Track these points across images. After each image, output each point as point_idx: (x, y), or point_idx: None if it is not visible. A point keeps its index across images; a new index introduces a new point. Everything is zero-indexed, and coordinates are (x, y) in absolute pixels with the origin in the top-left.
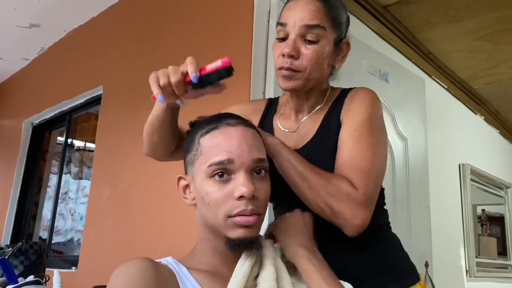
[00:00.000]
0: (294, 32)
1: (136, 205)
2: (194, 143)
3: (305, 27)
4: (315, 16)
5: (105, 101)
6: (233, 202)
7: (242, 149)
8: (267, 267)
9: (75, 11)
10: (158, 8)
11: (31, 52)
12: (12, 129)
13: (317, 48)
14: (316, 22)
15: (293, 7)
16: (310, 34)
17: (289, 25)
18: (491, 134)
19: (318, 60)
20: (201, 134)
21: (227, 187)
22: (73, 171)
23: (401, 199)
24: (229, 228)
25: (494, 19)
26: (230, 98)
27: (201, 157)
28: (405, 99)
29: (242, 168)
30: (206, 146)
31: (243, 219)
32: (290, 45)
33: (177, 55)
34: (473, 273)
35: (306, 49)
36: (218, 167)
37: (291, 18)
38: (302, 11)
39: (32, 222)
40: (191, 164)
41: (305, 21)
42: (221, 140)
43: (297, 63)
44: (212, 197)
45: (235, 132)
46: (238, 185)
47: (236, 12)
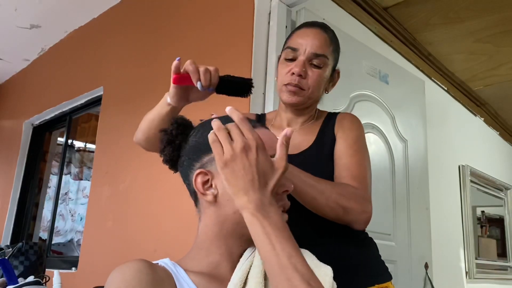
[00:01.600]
0: (303, 56)
1: (136, 205)
2: None
3: (313, 55)
4: (322, 46)
5: (106, 102)
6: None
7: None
8: (256, 263)
9: (75, 12)
10: (159, 10)
11: (31, 53)
12: (12, 129)
13: (321, 73)
14: (323, 52)
15: (304, 35)
16: (317, 60)
17: (300, 50)
18: (491, 136)
19: (320, 83)
20: None
21: None
22: (73, 172)
23: (401, 200)
24: None
25: (494, 21)
26: (231, 98)
27: None
28: (405, 100)
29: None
30: None
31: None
32: (300, 66)
33: (178, 56)
34: (473, 274)
35: (312, 72)
36: None
37: (302, 45)
38: (313, 40)
39: (32, 222)
40: None
41: (314, 50)
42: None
43: (303, 82)
44: None
45: (272, 134)
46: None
47: (236, 14)
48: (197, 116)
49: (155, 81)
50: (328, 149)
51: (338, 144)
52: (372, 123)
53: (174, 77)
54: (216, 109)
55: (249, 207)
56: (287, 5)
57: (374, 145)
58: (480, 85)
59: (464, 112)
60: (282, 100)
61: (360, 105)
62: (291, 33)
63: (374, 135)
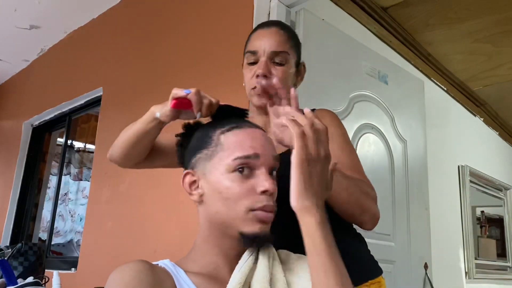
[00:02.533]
0: (264, 57)
1: (135, 206)
2: (212, 140)
3: (273, 53)
4: (281, 43)
5: (105, 103)
6: (255, 196)
7: (266, 148)
8: (260, 268)
9: (75, 12)
10: (158, 11)
11: (31, 54)
12: (12, 130)
13: (285, 69)
14: (282, 49)
15: (261, 36)
16: (278, 58)
17: (259, 52)
18: (490, 136)
19: (286, 80)
20: (221, 131)
21: (248, 182)
22: (73, 172)
23: (400, 200)
24: (248, 222)
25: (493, 22)
26: (230, 99)
27: (222, 152)
28: (405, 101)
29: (264, 165)
30: (230, 142)
31: (265, 215)
32: (263, 67)
33: (177, 56)
34: (473, 274)
35: (275, 70)
36: (244, 161)
37: (261, 46)
38: (270, 40)
39: (31, 223)
40: (206, 160)
41: (273, 48)
42: (246, 137)
43: (269, 82)
44: (233, 191)
45: (258, 132)
46: (262, 180)
47: (236, 14)
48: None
49: (155, 81)
50: None
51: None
52: (372, 123)
53: (175, 103)
54: None
55: (315, 213)
56: (286, 6)
57: (374, 145)
58: (479, 85)
59: (463, 112)
60: (253, 104)
61: (360, 106)
62: (249, 36)
63: (374, 135)
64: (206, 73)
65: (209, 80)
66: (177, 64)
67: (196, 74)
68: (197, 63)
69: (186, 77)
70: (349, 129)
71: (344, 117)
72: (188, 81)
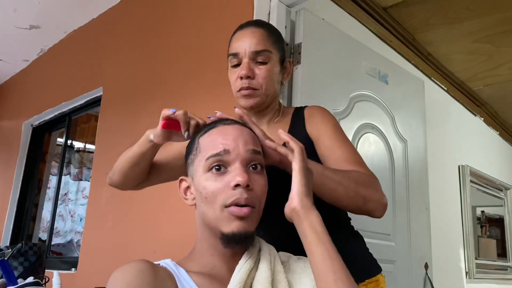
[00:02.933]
0: (246, 58)
1: (135, 206)
2: (194, 144)
3: (254, 53)
4: (261, 42)
5: (105, 103)
6: (229, 191)
7: (237, 142)
8: (262, 269)
9: (75, 12)
10: (158, 10)
11: (31, 54)
12: (12, 130)
13: (268, 67)
14: (263, 48)
15: (240, 37)
16: (260, 57)
17: (240, 53)
18: (490, 136)
19: (270, 77)
20: (200, 135)
21: (223, 179)
22: (73, 172)
23: (400, 200)
24: (224, 221)
25: (493, 21)
26: (230, 102)
27: (199, 154)
28: (405, 100)
29: (237, 159)
30: (204, 143)
31: (237, 210)
32: (246, 68)
33: (176, 57)
34: (473, 274)
35: (259, 70)
36: (215, 159)
37: (241, 47)
38: (250, 39)
39: (31, 223)
40: (191, 164)
41: (253, 48)
42: (218, 135)
43: (254, 82)
44: (209, 190)
45: (231, 128)
46: (233, 175)
47: (236, 14)
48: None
49: (154, 81)
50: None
51: (322, 142)
52: (372, 123)
53: (164, 123)
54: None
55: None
56: (286, 5)
57: (374, 145)
58: (479, 85)
59: (463, 112)
60: (241, 106)
61: (360, 105)
62: (230, 39)
63: (374, 135)
64: (206, 73)
65: (209, 80)
66: (177, 64)
67: (196, 74)
68: (197, 63)
69: (186, 77)
70: (349, 129)
71: (344, 117)
72: (188, 81)
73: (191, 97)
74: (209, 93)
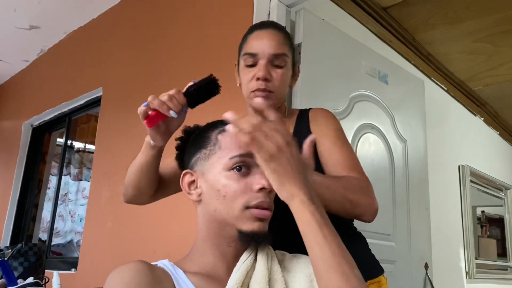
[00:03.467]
0: (264, 59)
1: (135, 207)
2: (210, 140)
3: (273, 56)
4: (280, 46)
5: (105, 103)
6: (252, 194)
7: None
8: (259, 268)
9: (75, 12)
10: (158, 10)
11: (31, 54)
12: (12, 130)
13: (284, 71)
14: (282, 51)
15: (260, 38)
16: (278, 60)
17: (259, 54)
18: (490, 136)
19: (285, 82)
20: (219, 131)
21: (245, 180)
22: (72, 172)
23: (400, 200)
24: (245, 220)
25: (493, 21)
26: (229, 101)
27: (220, 151)
28: (405, 100)
29: None
30: (227, 141)
31: (261, 212)
32: (264, 70)
33: (176, 57)
34: (473, 274)
35: (276, 73)
36: (240, 159)
37: (260, 48)
38: (270, 41)
39: (31, 223)
40: (204, 159)
41: (273, 51)
42: None
43: (270, 85)
44: (230, 189)
45: None
46: (258, 178)
47: (236, 14)
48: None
49: (154, 81)
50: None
51: (322, 142)
52: (372, 123)
53: (146, 122)
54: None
55: (300, 194)
56: (286, 6)
57: (374, 145)
58: (479, 85)
59: (464, 112)
60: (253, 107)
61: (360, 106)
62: (244, 37)
63: (374, 135)
64: (206, 72)
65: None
66: (176, 64)
67: (196, 74)
68: (197, 63)
69: (186, 77)
70: (349, 129)
71: (344, 117)
72: (188, 81)
73: None
74: None
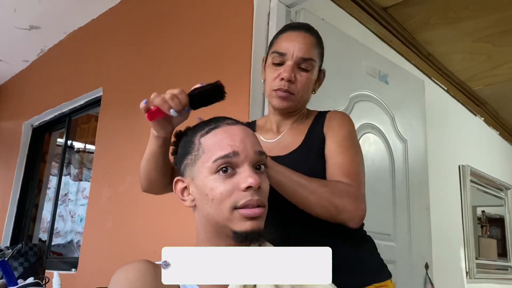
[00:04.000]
0: (291, 61)
1: (135, 207)
2: (194, 144)
3: (301, 59)
4: (310, 50)
5: (105, 103)
6: (238, 193)
7: (245, 143)
8: None
9: (75, 13)
10: (158, 11)
11: (31, 54)
12: (12, 131)
13: (309, 76)
14: (310, 56)
15: (291, 39)
16: (305, 64)
17: (288, 55)
18: (491, 136)
19: (308, 86)
20: (201, 134)
21: (232, 180)
22: (73, 172)
23: (401, 200)
24: (236, 221)
25: (493, 21)
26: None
27: (203, 155)
28: (405, 100)
29: (246, 161)
30: (209, 144)
31: (250, 211)
32: (290, 71)
33: (177, 57)
34: (473, 274)
35: (300, 76)
36: (224, 160)
37: (289, 49)
38: (300, 44)
39: (32, 223)
40: (191, 165)
41: (301, 54)
42: (224, 136)
43: (293, 87)
44: (217, 192)
45: (237, 129)
46: (244, 177)
47: (236, 15)
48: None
49: (154, 82)
50: (316, 148)
51: (328, 143)
52: (372, 123)
53: (147, 116)
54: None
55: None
56: (286, 6)
57: (374, 145)
58: (480, 84)
59: (464, 112)
60: (272, 105)
61: (360, 105)
62: (276, 36)
63: (374, 135)
64: (206, 72)
65: (210, 80)
66: (177, 64)
67: (196, 74)
68: (197, 63)
69: (186, 77)
70: None
71: None
72: (188, 81)
73: None
74: None
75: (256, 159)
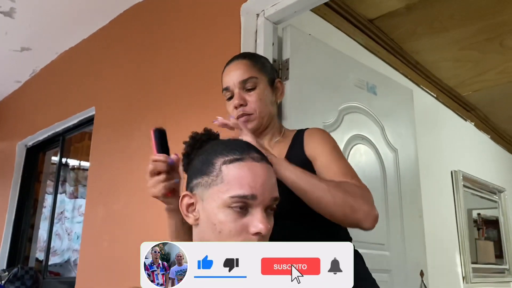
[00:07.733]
0: (236, 88)
1: (131, 226)
2: (214, 168)
3: (241, 82)
4: (246, 71)
5: (98, 122)
6: (247, 236)
7: (265, 188)
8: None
9: (66, 33)
10: (149, 31)
11: (23, 75)
12: (6, 151)
13: (258, 92)
14: (250, 75)
15: (228, 72)
16: (248, 84)
17: (230, 86)
18: (482, 140)
19: (262, 100)
20: (224, 161)
21: (242, 220)
22: (68, 190)
23: (393, 209)
24: None
25: (477, 29)
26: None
27: (221, 184)
28: (394, 110)
29: (261, 205)
30: (230, 176)
31: None
32: (238, 98)
33: (167, 76)
34: (470, 279)
35: (249, 96)
36: (241, 200)
37: (230, 81)
38: (235, 71)
39: (28, 244)
40: (205, 187)
41: (240, 78)
42: (247, 174)
43: (247, 108)
44: (226, 227)
45: (260, 169)
46: (256, 221)
47: (224, 33)
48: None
49: (146, 101)
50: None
51: (318, 161)
52: (362, 134)
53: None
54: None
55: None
56: (273, 23)
57: (365, 156)
58: (468, 90)
59: (454, 118)
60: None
61: (349, 117)
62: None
63: (364, 146)
64: (197, 93)
65: (200, 100)
66: (167, 83)
67: (187, 94)
68: (187, 83)
69: (177, 97)
70: (340, 140)
71: (334, 129)
72: (179, 101)
73: (182, 117)
74: (200, 113)
75: (270, 204)
